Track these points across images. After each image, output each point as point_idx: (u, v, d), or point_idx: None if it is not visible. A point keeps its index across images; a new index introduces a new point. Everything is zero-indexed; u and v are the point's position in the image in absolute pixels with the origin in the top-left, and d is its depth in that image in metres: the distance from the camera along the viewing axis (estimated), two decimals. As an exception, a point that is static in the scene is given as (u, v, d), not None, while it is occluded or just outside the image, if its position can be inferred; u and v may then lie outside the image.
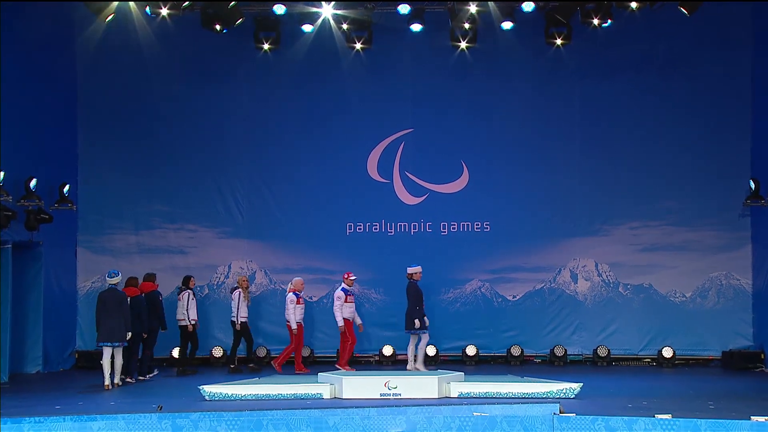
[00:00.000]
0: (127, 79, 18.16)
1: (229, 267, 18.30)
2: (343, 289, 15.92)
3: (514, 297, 18.04)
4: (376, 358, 17.71)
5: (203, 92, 18.34)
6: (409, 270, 15.91)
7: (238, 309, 16.43)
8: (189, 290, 16.44)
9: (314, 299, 18.02)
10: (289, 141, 18.42)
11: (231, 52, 18.16)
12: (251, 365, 16.61)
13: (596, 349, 17.66)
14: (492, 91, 18.26)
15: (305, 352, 17.33)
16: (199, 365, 16.80)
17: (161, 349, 16.64)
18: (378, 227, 18.24)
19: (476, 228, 18.16)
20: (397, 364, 17.11)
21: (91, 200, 18.05)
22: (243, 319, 16.50)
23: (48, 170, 16.76)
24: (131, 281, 15.40)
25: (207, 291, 18.16)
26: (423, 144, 18.33)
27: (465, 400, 11.90)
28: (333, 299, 16.28)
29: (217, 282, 18.19)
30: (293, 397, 12.06)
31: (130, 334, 14.37)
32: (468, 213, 18.20)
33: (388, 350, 17.55)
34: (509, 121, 18.24)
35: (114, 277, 14.52)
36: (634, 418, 9.38)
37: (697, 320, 17.71)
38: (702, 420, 9.16)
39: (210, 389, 12.03)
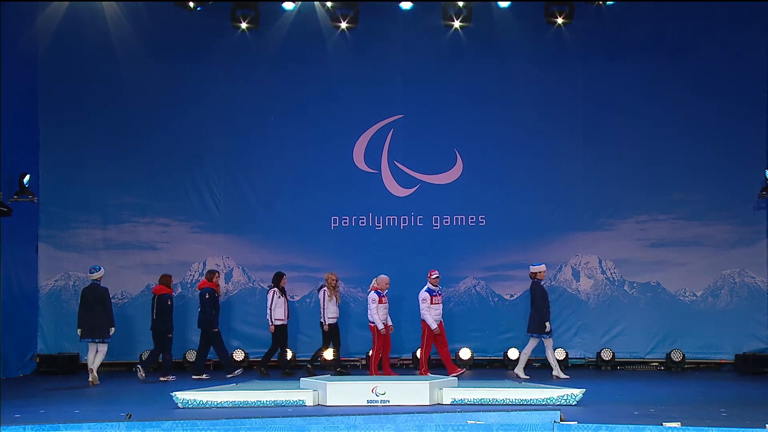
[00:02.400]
0: (92, 62, 18.09)
1: (204, 264, 18.23)
2: (428, 290, 15.84)
3: (511, 296, 18.05)
4: (363, 361, 17.69)
5: (176, 76, 18.29)
6: (533, 269, 16.03)
7: (324, 309, 16.44)
8: (275, 288, 16.59)
9: (296, 298, 18.00)
10: (269, 128, 18.40)
11: (206, 32, 18.12)
12: (339, 369, 16.57)
13: (600, 352, 17.70)
14: (488, 74, 18.24)
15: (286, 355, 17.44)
16: (176, 370, 16.77)
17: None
18: (365, 221, 18.23)
19: (471, 222, 18.16)
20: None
21: (53, 192, 17.98)
22: (331, 320, 16.49)
23: (6, 159, 16.62)
24: (161, 279, 16.24)
25: (180, 290, 18.07)
26: (413, 131, 18.31)
27: (458, 407, 11.87)
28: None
29: (192, 280, 18.14)
30: (273, 404, 12.02)
31: (113, 329, 15.51)
32: (462, 205, 18.20)
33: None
34: (507, 106, 18.24)
35: (96, 272, 15.53)
36: (641, 426, 9.37)
37: (708, 321, 17.74)
38: (714, 428, 9.17)
39: (183, 396, 11.98)
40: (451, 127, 18.27)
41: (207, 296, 16.28)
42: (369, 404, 11.99)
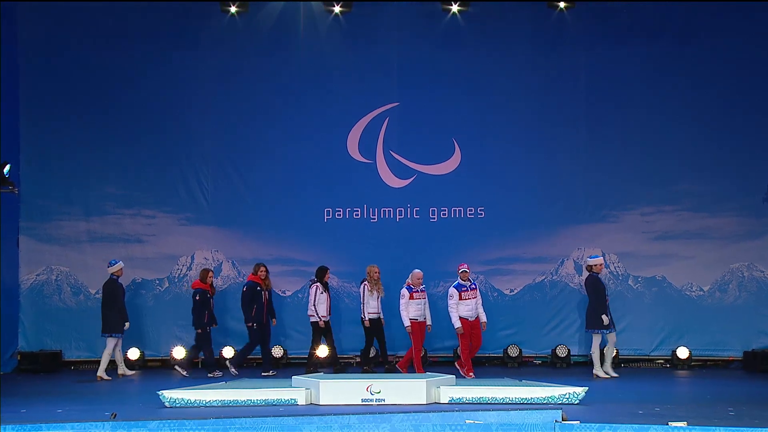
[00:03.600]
0: (74, 48, 18.07)
1: (192, 258, 18.23)
2: (456, 285, 15.76)
3: (511, 291, 18.05)
4: (357, 359, 17.69)
5: (161, 62, 18.24)
6: (589, 261, 16.11)
7: (364, 304, 16.44)
8: (318, 283, 16.55)
9: (287, 294, 18.02)
10: (259, 117, 18.36)
11: (193, 16, 18.09)
12: (387, 366, 16.63)
13: (603, 349, 17.67)
14: (487, 60, 18.21)
15: (278, 352, 17.48)
16: (159, 367, 16.80)
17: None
18: (359, 213, 18.21)
19: (469, 214, 18.15)
20: (380, 366, 17.08)
21: (35, 182, 17.94)
22: (372, 315, 16.46)
23: (-14, 149, 16.63)
24: (200, 274, 16.74)
25: (167, 284, 18.10)
26: (410, 120, 18.29)
27: (456, 406, 11.88)
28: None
29: (179, 274, 18.12)
30: (264, 403, 12.03)
31: (127, 324, 16.19)
32: (460, 197, 18.19)
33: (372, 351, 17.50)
34: (506, 94, 18.20)
35: (111, 266, 16.34)
36: (645, 426, 9.37)
37: (715, 317, 17.72)
38: (721, 428, 9.15)
39: (170, 395, 11.99)
40: (449, 116, 18.24)
41: (197, 297, 16.42)
42: (364, 403, 12.00)
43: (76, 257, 18.06)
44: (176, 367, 16.45)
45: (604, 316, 15.76)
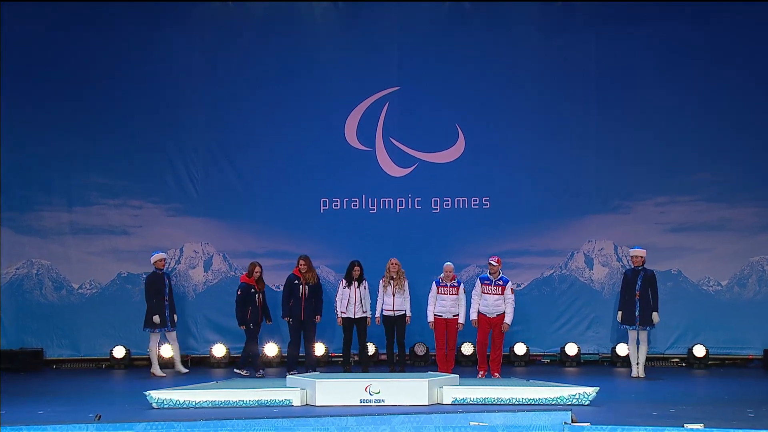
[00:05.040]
0: (56, 30, 18.00)
1: (181, 251, 18.24)
2: (480, 277, 15.68)
3: (518, 286, 17.98)
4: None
5: (149, 45, 18.20)
6: (633, 252, 16.06)
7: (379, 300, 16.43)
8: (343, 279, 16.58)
9: (281, 289, 17.97)
10: (252, 102, 18.33)
11: (182, -5, 18.10)
12: (398, 367, 16.53)
13: (615, 348, 17.70)
14: (492, 42, 18.17)
15: (272, 351, 17.58)
16: (146, 366, 16.83)
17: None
18: (357, 203, 18.20)
19: (473, 204, 18.14)
20: (379, 364, 17.11)
21: (15, 171, 17.92)
22: (386, 313, 16.31)
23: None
24: (248, 267, 16.58)
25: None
26: (411, 105, 18.27)
27: (460, 407, 11.89)
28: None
29: (167, 268, 18.07)
30: (257, 404, 12.02)
31: (156, 318, 16.33)
32: (464, 187, 18.18)
33: (369, 348, 17.50)
34: (513, 77, 18.18)
35: (152, 257, 16.69)
36: (660, 428, 9.38)
37: (734, 313, 17.74)
38: (739, 430, 9.18)
39: (158, 395, 11.99)
40: (453, 101, 18.21)
41: (238, 292, 16.34)
42: (362, 404, 12.00)
43: (58, 250, 18.04)
44: (235, 369, 16.35)
45: (620, 312, 15.75)
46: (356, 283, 16.36)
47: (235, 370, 16.28)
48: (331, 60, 18.29)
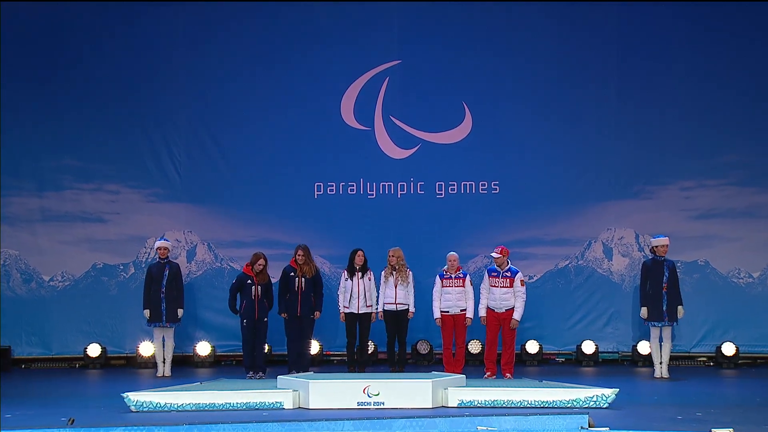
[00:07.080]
0: (25, 6, 17.93)
1: (162, 240, 18.20)
2: (489, 269, 15.56)
3: (530, 278, 17.98)
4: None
5: (128, 16, 18.24)
6: (655, 241, 16.00)
7: (380, 293, 16.34)
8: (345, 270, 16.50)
9: (274, 280, 17.95)
10: (241, 78, 18.39)
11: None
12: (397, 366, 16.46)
13: (636, 346, 17.72)
14: (502, 13, 18.20)
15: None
16: (124, 366, 16.82)
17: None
18: (355, 188, 18.21)
19: (482, 189, 18.14)
20: (378, 363, 17.12)
21: (-20, 153, 17.94)
22: (387, 307, 16.17)
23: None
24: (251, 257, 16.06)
25: (133, 270, 18.10)
26: (413, 81, 18.30)
27: (467, 410, 11.88)
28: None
29: (146, 258, 18.09)
30: (246, 407, 12.00)
31: (146, 312, 16.34)
32: (471, 170, 18.21)
33: (369, 346, 17.51)
34: (525, 51, 18.21)
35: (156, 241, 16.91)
36: (685, 432, 9.41)
37: (766, 308, 17.76)
38: (772, 435, 9.20)
39: (136, 397, 11.96)
40: (458, 76, 18.24)
41: (233, 282, 16.10)
42: (360, 407, 11.97)
43: (27, 239, 18.04)
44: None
45: (643, 309, 15.73)
46: (359, 273, 16.23)
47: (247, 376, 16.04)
48: (326, 32, 18.32)
